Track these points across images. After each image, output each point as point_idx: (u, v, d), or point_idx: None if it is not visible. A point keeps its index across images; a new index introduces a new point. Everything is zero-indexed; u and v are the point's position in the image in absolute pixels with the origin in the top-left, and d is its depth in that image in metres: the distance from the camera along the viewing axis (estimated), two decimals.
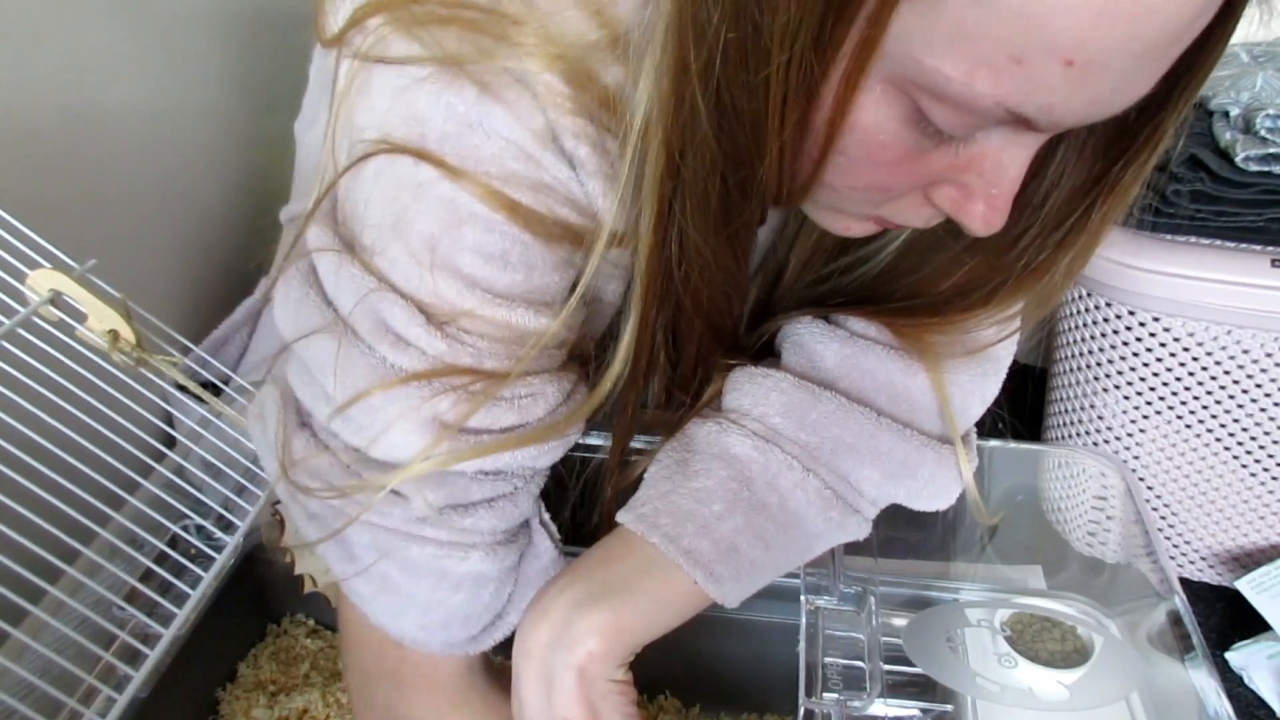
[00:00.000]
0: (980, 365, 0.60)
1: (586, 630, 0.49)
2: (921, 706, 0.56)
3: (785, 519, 0.54)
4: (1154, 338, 0.97)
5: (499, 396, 0.51)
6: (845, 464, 0.55)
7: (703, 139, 0.44)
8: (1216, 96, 1.01)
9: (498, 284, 0.49)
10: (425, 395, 0.49)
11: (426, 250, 0.48)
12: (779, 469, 0.54)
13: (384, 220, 0.49)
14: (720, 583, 0.51)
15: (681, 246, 0.49)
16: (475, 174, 0.47)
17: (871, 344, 0.58)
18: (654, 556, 0.52)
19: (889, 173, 0.44)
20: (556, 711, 0.49)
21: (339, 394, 0.51)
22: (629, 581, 0.51)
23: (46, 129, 0.75)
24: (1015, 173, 0.43)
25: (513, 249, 0.49)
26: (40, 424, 0.56)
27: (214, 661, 0.75)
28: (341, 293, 0.51)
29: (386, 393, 0.50)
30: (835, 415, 0.55)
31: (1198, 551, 1.06)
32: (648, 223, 0.48)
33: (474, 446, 0.51)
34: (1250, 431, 0.97)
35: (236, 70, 0.98)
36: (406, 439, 0.50)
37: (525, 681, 0.51)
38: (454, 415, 0.50)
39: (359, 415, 0.51)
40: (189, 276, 0.92)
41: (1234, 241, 0.95)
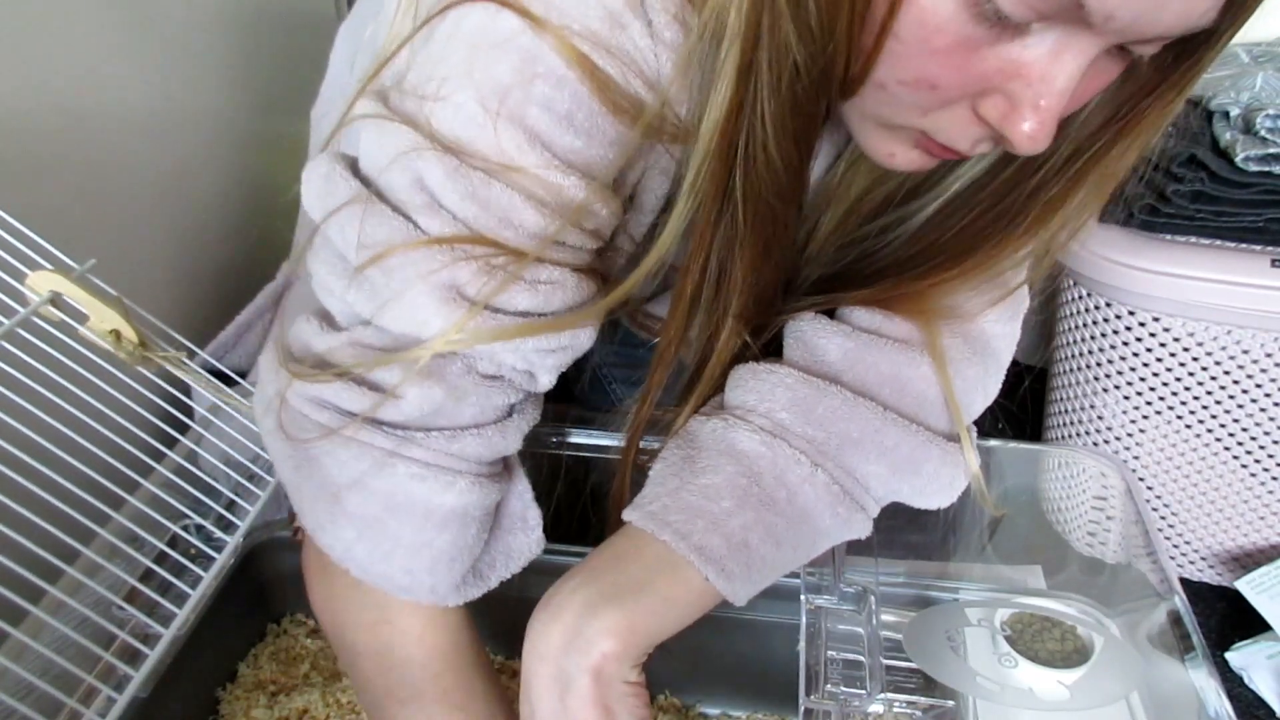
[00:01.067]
0: (983, 361, 0.60)
1: (600, 631, 0.49)
2: (921, 706, 0.57)
3: (794, 514, 0.54)
4: (1154, 338, 0.97)
5: (520, 276, 0.50)
6: (852, 459, 0.55)
7: (778, 16, 0.44)
8: (1216, 96, 1.01)
9: (558, 144, 0.49)
10: (445, 260, 0.49)
11: (496, 97, 0.48)
12: (787, 464, 0.54)
13: (456, 69, 0.49)
14: (731, 579, 0.51)
15: (749, 142, 0.49)
16: (558, 26, 0.47)
17: (875, 337, 0.57)
18: (664, 554, 0.51)
19: (940, 65, 0.44)
20: (571, 713, 0.49)
21: (360, 259, 0.50)
22: (640, 581, 0.51)
23: (47, 129, 0.75)
24: (1064, 84, 0.43)
25: (579, 111, 0.48)
26: (40, 424, 0.56)
27: (214, 661, 0.75)
28: (382, 152, 0.50)
29: (406, 253, 0.49)
30: (841, 410, 0.55)
31: (1198, 551, 1.06)
32: (722, 109, 0.48)
33: (489, 327, 0.50)
34: (1250, 431, 0.97)
35: (236, 71, 0.98)
36: (420, 303, 0.49)
37: (537, 685, 0.50)
38: (473, 287, 0.49)
39: (376, 276, 0.50)
40: (189, 276, 0.92)
41: (1234, 241, 0.95)
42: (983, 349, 0.60)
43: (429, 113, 0.50)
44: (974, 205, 0.57)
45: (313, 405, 0.52)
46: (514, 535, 0.59)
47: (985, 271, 0.57)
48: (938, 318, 0.59)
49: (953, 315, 0.59)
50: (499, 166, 0.49)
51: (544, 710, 0.50)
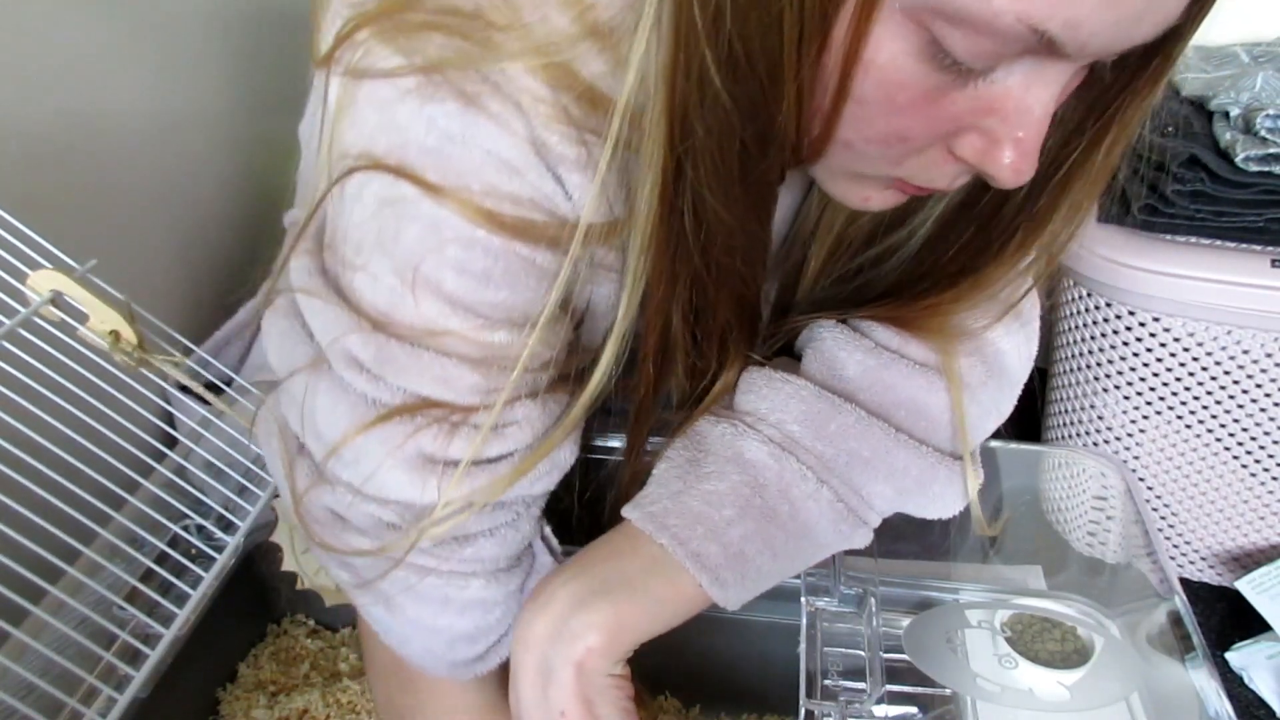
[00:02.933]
0: (998, 382, 0.59)
1: (587, 625, 0.49)
2: (921, 707, 0.57)
3: (795, 529, 0.54)
4: (1154, 338, 0.97)
5: (482, 425, 0.50)
6: (859, 478, 0.55)
7: (714, 96, 0.42)
8: (1216, 96, 1.01)
9: (482, 303, 0.49)
10: (407, 431, 0.50)
11: (409, 268, 0.48)
12: (793, 478, 0.53)
13: (367, 237, 0.49)
14: (725, 587, 0.51)
15: (697, 214, 0.47)
16: (456, 190, 0.46)
17: (896, 358, 0.56)
18: (660, 556, 0.51)
19: (907, 118, 0.42)
20: (552, 704, 0.50)
21: (326, 432, 0.51)
22: (633, 580, 0.51)
23: (48, 129, 0.75)
24: (1041, 113, 0.41)
25: (496, 264, 0.48)
26: (41, 424, 0.56)
27: (214, 661, 0.75)
28: (320, 332, 0.51)
29: (368, 433, 0.50)
30: (854, 428, 0.54)
31: (1198, 551, 1.06)
32: (651, 198, 0.46)
33: (483, 485, 0.51)
34: (1250, 431, 0.97)
35: (238, 70, 0.98)
36: (395, 477, 0.50)
37: (522, 672, 0.51)
38: (438, 449, 0.50)
39: (348, 454, 0.51)
40: (189, 276, 0.92)
41: (1234, 241, 0.95)
42: (999, 370, 0.59)
43: (351, 282, 0.50)
44: (965, 225, 0.55)
45: (326, 513, 0.54)
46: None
47: (985, 290, 0.56)
48: (951, 338, 0.58)
49: (960, 333, 0.58)
50: (426, 334, 0.49)
51: (527, 698, 0.50)
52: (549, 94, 0.45)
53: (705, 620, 0.51)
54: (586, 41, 0.44)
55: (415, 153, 0.46)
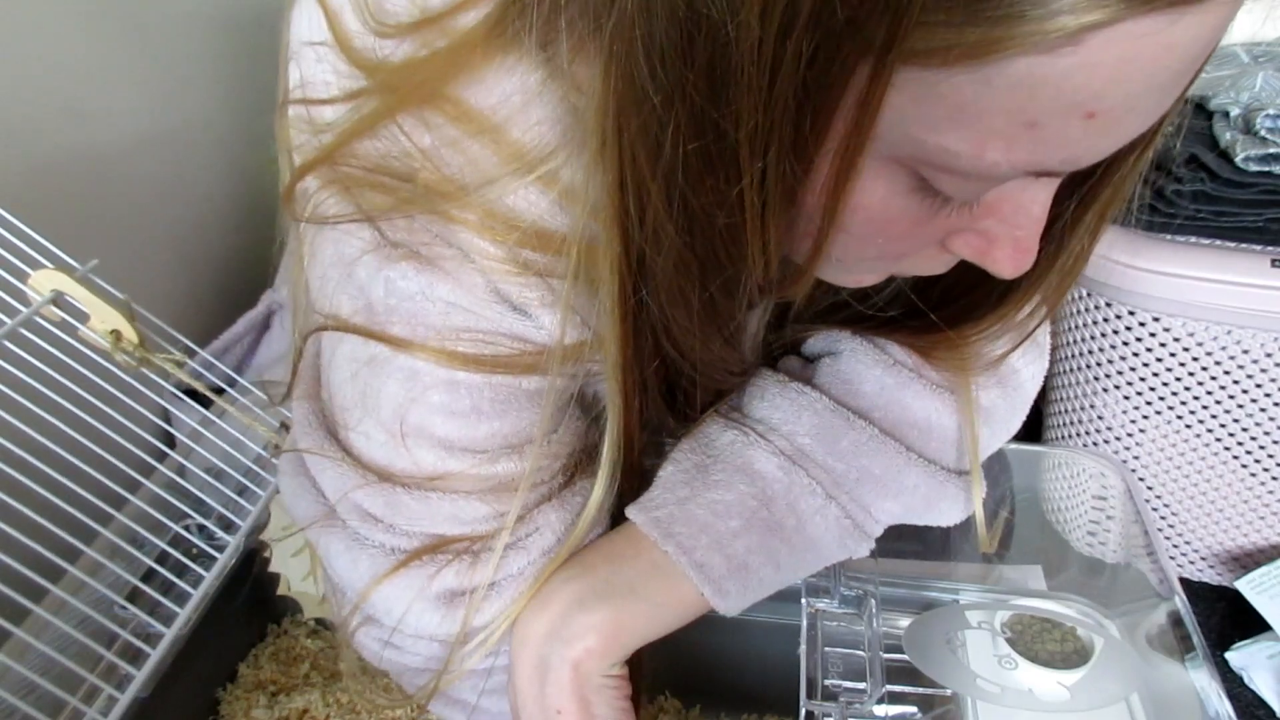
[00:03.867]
0: (1012, 403, 0.59)
1: (586, 627, 0.49)
2: (922, 708, 0.57)
3: (800, 542, 0.53)
4: (1154, 338, 0.97)
5: (501, 548, 0.51)
6: (868, 495, 0.54)
7: (670, 248, 0.40)
8: (1216, 96, 1.01)
9: (476, 440, 0.49)
10: (429, 573, 0.50)
11: (396, 421, 0.48)
12: (801, 492, 0.53)
13: (351, 398, 0.49)
14: (726, 597, 0.51)
15: (670, 337, 0.46)
16: (426, 340, 0.46)
17: (913, 377, 0.55)
18: (662, 562, 0.51)
19: (901, 240, 0.41)
20: (550, 702, 0.50)
21: (349, 583, 0.52)
22: (634, 584, 0.51)
23: (49, 130, 0.75)
24: (1039, 211, 0.40)
25: (483, 399, 0.48)
26: (42, 423, 0.56)
27: (215, 661, 0.75)
28: (328, 489, 0.52)
29: (390, 581, 0.50)
30: (866, 446, 0.54)
31: (1198, 551, 1.06)
32: (613, 326, 0.45)
33: (512, 598, 0.51)
34: (1250, 431, 0.97)
35: (238, 71, 0.98)
36: (428, 620, 0.51)
37: (520, 669, 0.51)
38: (463, 581, 0.50)
39: (377, 602, 0.51)
40: (190, 276, 0.92)
41: (1234, 241, 0.95)
42: (1014, 390, 0.59)
43: (348, 441, 0.51)
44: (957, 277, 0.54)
45: (380, 644, 0.54)
46: None
47: (987, 336, 0.55)
48: (969, 367, 0.56)
49: (978, 362, 0.57)
50: (429, 479, 0.49)
51: (524, 694, 0.51)
52: (497, 250, 0.44)
53: (705, 620, 0.51)
54: (517, 176, 0.42)
55: (380, 310, 0.46)
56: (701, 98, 0.34)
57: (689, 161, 0.36)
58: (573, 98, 0.41)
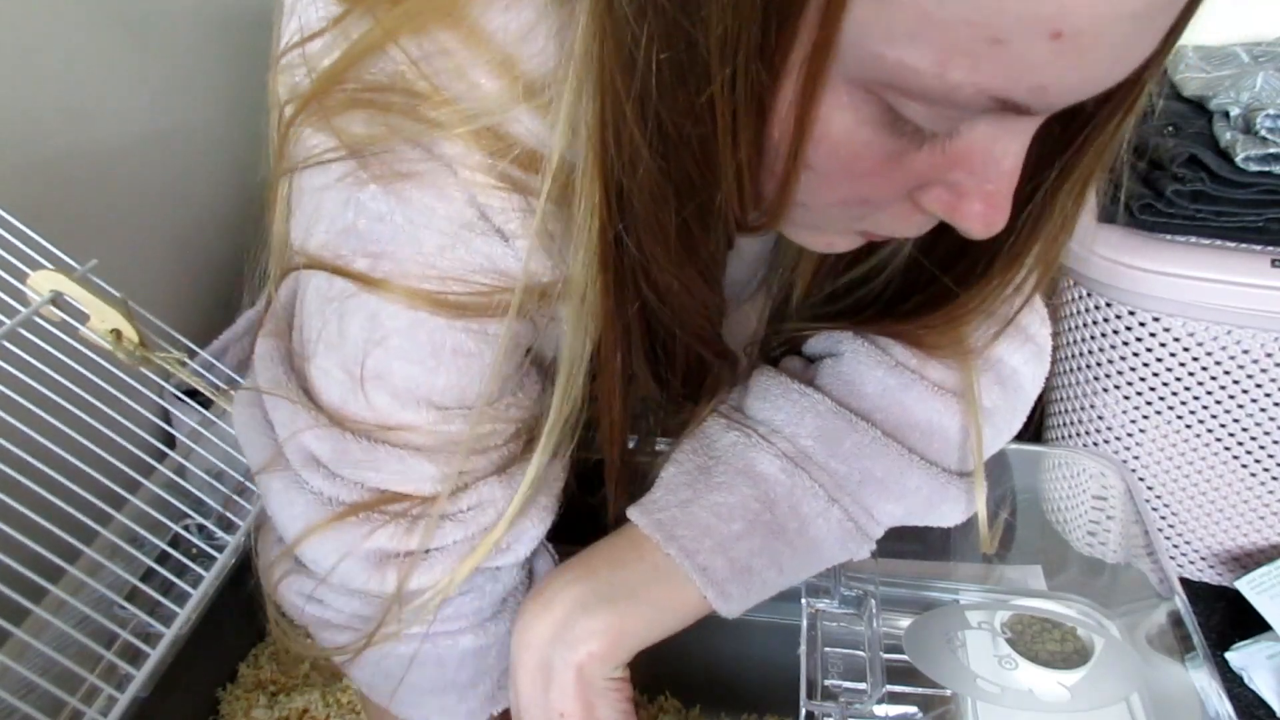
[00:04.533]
0: (1012, 404, 0.58)
1: (589, 631, 0.49)
2: (922, 708, 0.57)
3: (802, 545, 0.53)
4: (1154, 338, 0.97)
5: (443, 514, 0.50)
6: (870, 497, 0.53)
7: (646, 172, 0.40)
8: (1216, 96, 1.01)
9: (433, 390, 0.48)
10: (364, 532, 0.49)
11: (356, 361, 0.47)
12: (804, 495, 0.52)
13: (315, 330, 0.49)
14: (729, 600, 0.51)
15: (649, 279, 0.46)
16: (390, 276, 0.45)
17: (915, 379, 0.55)
18: (664, 565, 0.51)
19: (868, 183, 0.40)
20: (553, 705, 0.49)
21: (285, 528, 0.51)
22: (636, 588, 0.50)
23: (48, 130, 0.75)
24: (1010, 164, 0.38)
25: (444, 347, 0.47)
26: (42, 424, 0.56)
27: (215, 661, 0.75)
28: (278, 423, 0.51)
29: (323, 534, 0.49)
30: (869, 448, 0.53)
31: (1198, 551, 1.06)
32: (590, 262, 0.44)
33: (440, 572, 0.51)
34: (1250, 431, 0.97)
35: (237, 71, 0.97)
36: (357, 574, 0.50)
37: (522, 673, 0.51)
38: (396, 544, 0.50)
39: (307, 551, 0.51)
40: (190, 276, 0.92)
41: (1234, 241, 0.95)
42: (1014, 391, 0.58)
43: (307, 375, 0.50)
44: (948, 242, 0.53)
45: (302, 599, 0.54)
46: None
47: (980, 306, 0.54)
48: (955, 355, 0.56)
49: (963, 350, 0.56)
50: (380, 428, 0.49)
51: (526, 697, 0.50)
52: (484, 160, 0.43)
53: (705, 621, 0.51)
54: (520, 104, 0.42)
55: (347, 243, 0.45)
56: (672, 6, 0.35)
57: (661, 74, 0.36)
58: (564, 20, 0.41)
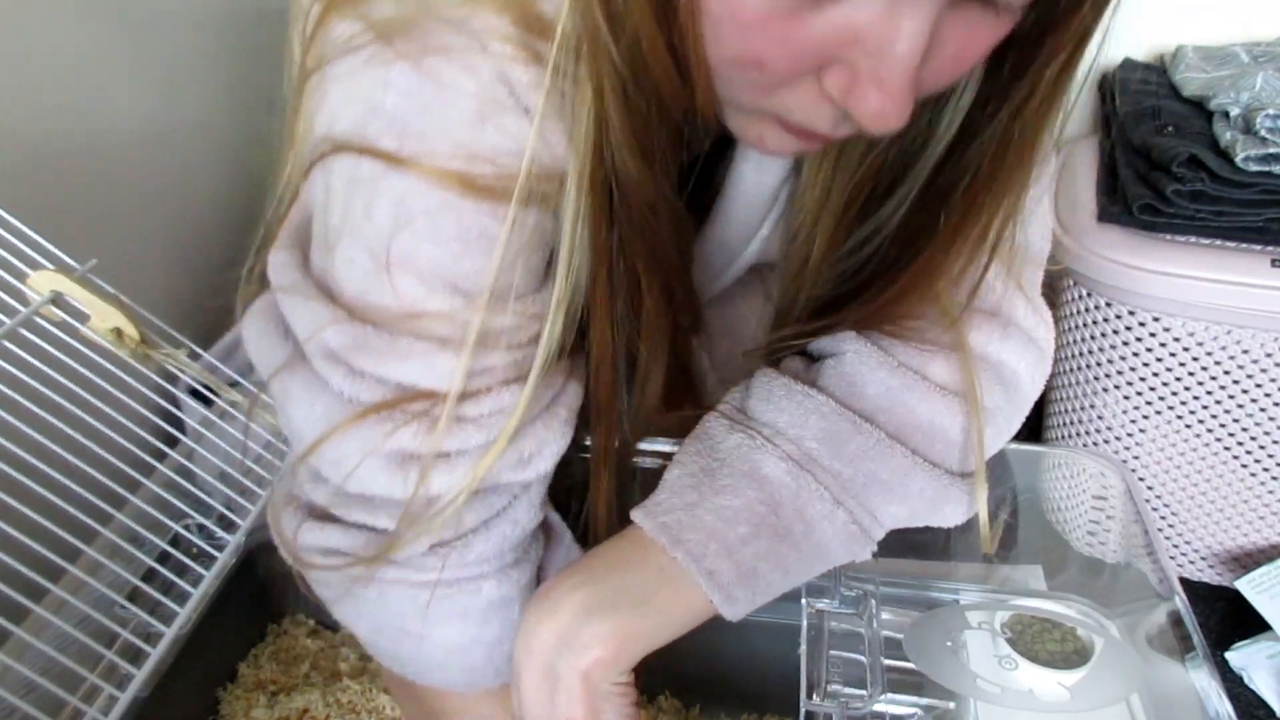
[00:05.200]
0: (1013, 404, 0.58)
1: (595, 637, 0.49)
2: (922, 708, 0.57)
3: (808, 548, 0.53)
4: (1154, 338, 0.97)
5: (464, 417, 0.50)
6: (875, 500, 0.53)
7: (604, 48, 0.42)
8: (1216, 96, 1.01)
9: (460, 275, 0.48)
10: (386, 430, 0.49)
11: (382, 247, 0.47)
12: (809, 498, 0.52)
13: (339, 221, 0.48)
14: (735, 604, 0.51)
15: (618, 181, 0.47)
16: (419, 156, 0.45)
17: (917, 379, 0.54)
18: (670, 568, 0.51)
19: (760, 39, 0.40)
20: (559, 711, 0.49)
21: (304, 431, 0.51)
22: (641, 592, 0.50)
23: (48, 130, 0.75)
24: (906, 49, 0.37)
25: (471, 227, 0.47)
26: (42, 423, 0.56)
27: (215, 661, 0.75)
28: (298, 327, 0.51)
29: (345, 432, 0.49)
30: (873, 450, 0.53)
31: (1198, 551, 1.06)
32: (585, 144, 0.45)
33: (460, 476, 0.50)
34: (1250, 431, 0.97)
35: (238, 70, 0.98)
36: (375, 477, 0.50)
37: (526, 679, 0.50)
38: (418, 444, 0.49)
39: (327, 453, 0.50)
40: (190, 276, 0.92)
41: (1234, 241, 0.96)
42: (1014, 390, 0.58)
43: (327, 269, 0.50)
44: (931, 200, 0.54)
45: (322, 554, 0.53)
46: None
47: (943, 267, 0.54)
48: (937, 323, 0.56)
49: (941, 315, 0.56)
50: (404, 317, 0.48)
51: (531, 702, 0.50)
52: (515, 32, 0.44)
53: (706, 621, 0.51)
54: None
55: (375, 122, 0.45)
56: None
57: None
58: None
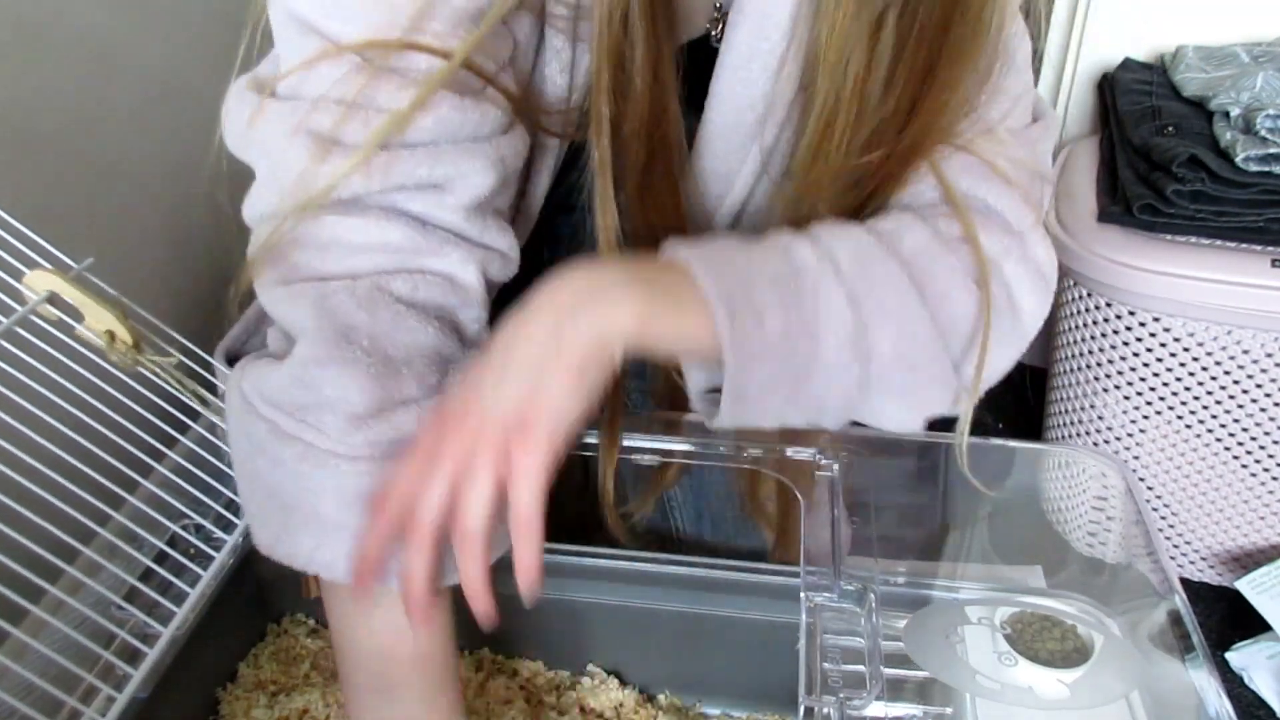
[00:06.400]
0: (1014, 329, 0.60)
1: (626, 298, 0.49)
2: (921, 705, 0.56)
3: (810, 335, 0.53)
4: (1154, 338, 0.97)
5: (395, 72, 0.51)
6: (876, 325, 0.54)
7: None
8: (1216, 96, 1.01)
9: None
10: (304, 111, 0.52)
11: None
12: (829, 286, 0.53)
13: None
14: (735, 335, 0.50)
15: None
16: None
17: (946, 251, 0.57)
18: (693, 287, 0.51)
19: None
20: (556, 359, 0.48)
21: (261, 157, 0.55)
22: (671, 290, 0.51)
23: (46, 128, 0.75)
24: None
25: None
26: (39, 423, 0.56)
27: (214, 661, 0.75)
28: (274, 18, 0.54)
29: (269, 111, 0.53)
30: (892, 283, 0.55)
31: (1198, 551, 1.06)
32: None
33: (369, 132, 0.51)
34: (1250, 431, 0.97)
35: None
36: (294, 156, 0.52)
37: (533, 322, 0.49)
38: (339, 127, 0.51)
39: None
40: (187, 275, 0.92)
41: (1234, 241, 0.96)
42: (1014, 319, 0.60)
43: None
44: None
45: (260, 400, 0.53)
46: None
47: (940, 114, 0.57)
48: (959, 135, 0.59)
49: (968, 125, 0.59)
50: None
51: (525, 346, 0.48)
52: None
53: (705, 620, 0.51)
54: None
55: None
56: None
57: None
58: None
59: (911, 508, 0.60)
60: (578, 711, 0.72)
